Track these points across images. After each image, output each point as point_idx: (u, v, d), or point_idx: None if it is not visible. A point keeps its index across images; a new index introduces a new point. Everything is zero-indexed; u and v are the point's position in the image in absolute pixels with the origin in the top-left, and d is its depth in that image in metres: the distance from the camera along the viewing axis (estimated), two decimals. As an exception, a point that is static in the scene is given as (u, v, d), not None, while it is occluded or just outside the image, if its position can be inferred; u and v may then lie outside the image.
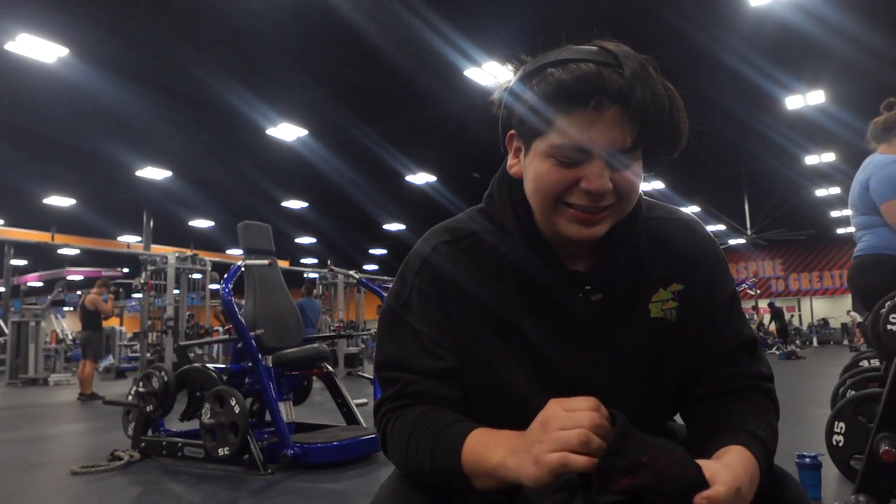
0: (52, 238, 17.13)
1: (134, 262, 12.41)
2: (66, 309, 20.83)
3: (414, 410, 0.84)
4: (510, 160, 0.86)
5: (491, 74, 8.04)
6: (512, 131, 0.84)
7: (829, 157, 12.57)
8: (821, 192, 15.73)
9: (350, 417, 4.24)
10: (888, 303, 1.97)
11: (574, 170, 0.76)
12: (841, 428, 2.36)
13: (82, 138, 10.54)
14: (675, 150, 0.78)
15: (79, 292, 11.82)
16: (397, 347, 0.88)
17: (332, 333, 10.04)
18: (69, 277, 17.96)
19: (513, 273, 0.87)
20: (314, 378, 4.45)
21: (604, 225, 0.79)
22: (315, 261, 24.88)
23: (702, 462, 0.65)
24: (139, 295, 9.10)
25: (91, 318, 8.37)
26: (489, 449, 0.74)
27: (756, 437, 0.78)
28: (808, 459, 2.56)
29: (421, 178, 13.61)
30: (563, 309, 0.86)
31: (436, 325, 0.86)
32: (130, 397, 4.02)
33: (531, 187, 0.81)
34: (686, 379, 0.90)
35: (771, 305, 18.31)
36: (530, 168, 0.80)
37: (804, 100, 9.54)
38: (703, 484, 0.63)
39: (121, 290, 16.01)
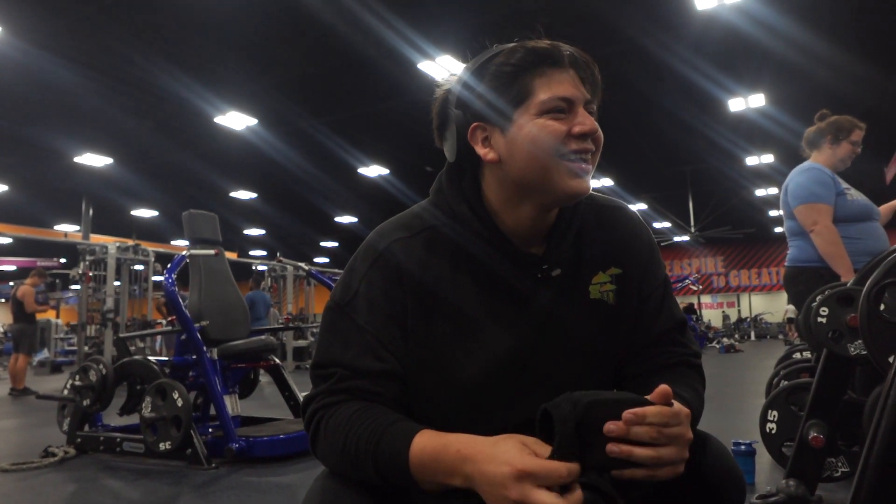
0: (-18, 226, 16.32)
1: (72, 251, 11.91)
2: (-3, 300, 19.87)
3: (348, 407, 0.82)
4: (481, 150, 0.88)
5: (444, 68, 8.02)
6: (475, 124, 0.87)
7: (768, 158, 13.05)
8: (760, 192, 16.32)
9: (297, 410, 4.19)
10: (819, 297, 2.06)
11: (564, 121, 0.84)
12: (774, 416, 2.46)
13: (16, 121, 10.02)
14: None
15: (11, 283, 11.24)
16: (339, 347, 0.86)
17: (280, 326, 9.88)
18: (0, 267, 17.08)
19: (469, 263, 0.88)
20: (261, 371, 4.38)
21: (590, 177, 0.88)
22: (264, 252, 24.39)
23: None
24: (77, 286, 8.71)
25: (24, 310, 8.02)
26: (442, 464, 0.73)
27: (681, 398, 0.82)
28: (743, 447, 2.67)
29: (374, 171, 13.49)
30: (518, 294, 0.89)
31: (382, 324, 0.86)
32: (66, 391, 3.86)
33: (528, 152, 0.84)
34: (623, 357, 0.96)
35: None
36: (522, 135, 0.84)
37: (746, 102, 9.85)
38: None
39: (57, 281, 15.34)
